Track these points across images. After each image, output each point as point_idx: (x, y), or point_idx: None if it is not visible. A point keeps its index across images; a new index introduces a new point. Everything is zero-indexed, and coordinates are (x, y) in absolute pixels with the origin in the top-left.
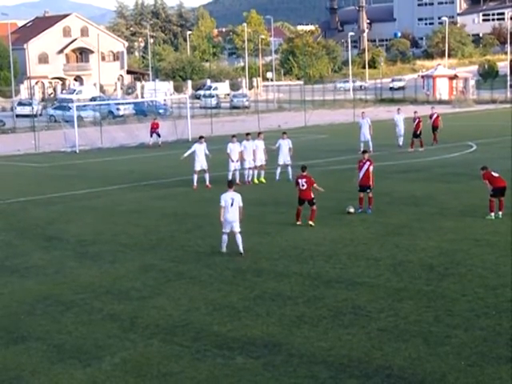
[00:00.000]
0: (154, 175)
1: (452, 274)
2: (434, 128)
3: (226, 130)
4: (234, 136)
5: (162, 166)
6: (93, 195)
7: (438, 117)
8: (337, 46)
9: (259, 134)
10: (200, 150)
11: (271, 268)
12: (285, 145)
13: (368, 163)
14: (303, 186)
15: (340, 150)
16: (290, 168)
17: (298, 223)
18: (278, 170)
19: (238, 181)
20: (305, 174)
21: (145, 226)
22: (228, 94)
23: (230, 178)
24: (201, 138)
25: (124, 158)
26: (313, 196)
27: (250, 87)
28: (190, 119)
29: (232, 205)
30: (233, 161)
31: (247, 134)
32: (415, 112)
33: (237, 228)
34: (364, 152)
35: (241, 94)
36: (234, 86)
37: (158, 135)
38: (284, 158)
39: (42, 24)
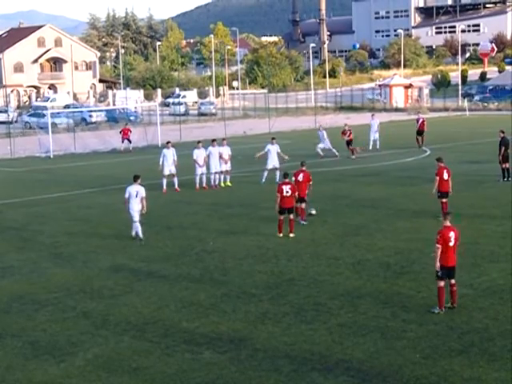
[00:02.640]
0: (125, 179)
1: (408, 272)
2: (420, 132)
3: (194, 136)
4: (199, 142)
5: (132, 170)
6: (66, 198)
7: (423, 121)
8: (299, 56)
9: (223, 139)
10: (168, 155)
11: (237, 267)
12: (273, 149)
13: (302, 173)
14: (287, 192)
15: (303, 155)
16: (278, 172)
17: (280, 235)
18: (265, 174)
19: (204, 184)
20: (288, 180)
21: (116, 228)
22: (196, 102)
23: (197, 181)
24: (168, 143)
25: (96, 162)
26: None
27: (217, 95)
28: (160, 126)
29: (136, 196)
30: (199, 166)
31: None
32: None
33: (137, 217)
34: (302, 164)
35: (208, 101)
36: (202, 94)
37: (129, 141)
38: (273, 162)
39: (17, 35)
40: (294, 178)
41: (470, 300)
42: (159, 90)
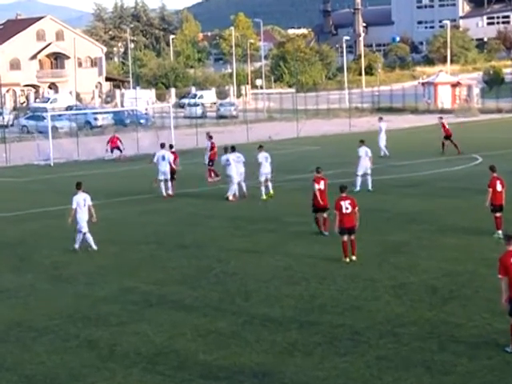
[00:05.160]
0: (134, 190)
1: (457, 298)
2: (448, 136)
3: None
4: (261, 146)
5: (142, 180)
6: (67, 212)
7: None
8: (331, 51)
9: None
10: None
11: (261, 291)
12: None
13: (323, 181)
14: (347, 209)
15: (334, 163)
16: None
17: (347, 260)
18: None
19: (231, 196)
20: (346, 194)
21: (124, 245)
22: (214, 103)
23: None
24: (162, 145)
25: (102, 171)
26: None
27: (238, 95)
28: (174, 130)
29: (84, 205)
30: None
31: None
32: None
33: (86, 228)
34: (317, 170)
35: (228, 102)
36: (221, 94)
37: (120, 150)
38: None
39: (13, 27)
40: (316, 186)
41: None
42: (173, 90)
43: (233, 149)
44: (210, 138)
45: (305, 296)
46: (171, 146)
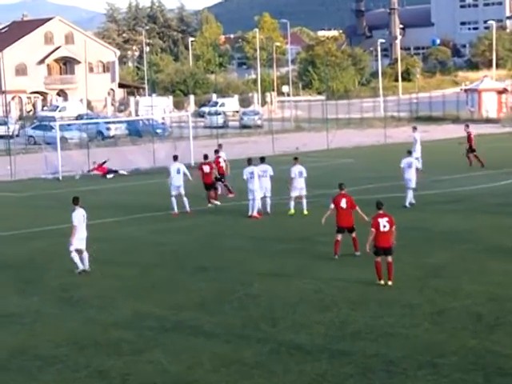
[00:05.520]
0: (150, 206)
1: (503, 325)
2: (472, 149)
3: (235, 153)
4: (296, 158)
5: (158, 195)
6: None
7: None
8: (364, 54)
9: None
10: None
11: (288, 316)
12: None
13: (345, 198)
14: (385, 227)
15: (368, 178)
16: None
17: (381, 282)
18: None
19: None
20: (384, 211)
21: (138, 266)
22: (237, 111)
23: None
24: (175, 157)
25: (115, 186)
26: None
27: (263, 103)
28: (193, 140)
29: (84, 221)
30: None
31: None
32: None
33: (83, 245)
34: (341, 186)
35: (252, 111)
36: (245, 102)
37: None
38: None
39: (19, 29)
40: (332, 205)
41: None
42: (192, 97)
43: (262, 160)
44: (216, 151)
45: (336, 322)
46: (206, 157)
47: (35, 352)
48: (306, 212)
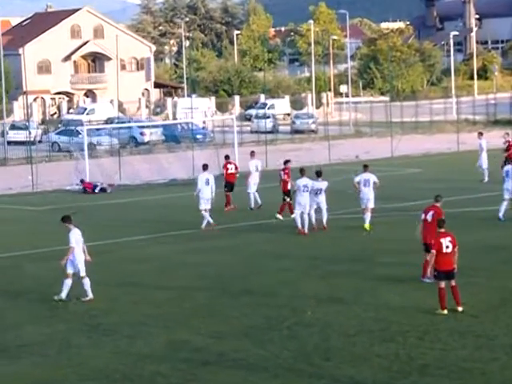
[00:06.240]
0: (188, 222)
1: None
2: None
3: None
4: (367, 166)
5: (197, 209)
6: (106, 249)
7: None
8: (435, 49)
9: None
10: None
11: (345, 348)
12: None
13: (433, 211)
14: (447, 247)
15: (439, 189)
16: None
17: (445, 312)
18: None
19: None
20: (445, 230)
21: (175, 291)
22: (288, 114)
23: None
24: (205, 167)
25: (149, 198)
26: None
27: (318, 105)
28: (238, 147)
29: (83, 242)
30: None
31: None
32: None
33: (83, 271)
34: (437, 198)
35: (305, 113)
36: (297, 104)
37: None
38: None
39: (42, 22)
40: (423, 216)
41: None
42: (237, 98)
43: (318, 174)
44: (227, 157)
45: (401, 355)
46: (227, 157)
47: None
48: (367, 226)
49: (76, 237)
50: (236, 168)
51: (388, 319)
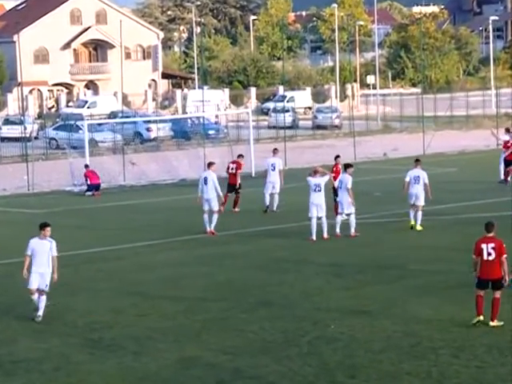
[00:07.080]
0: (199, 226)
1: None
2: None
3: (305, 160)
4: (418, 160)
5: None
6: (110, 255)
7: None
8: (472, 36)
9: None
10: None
11: (372, 365)
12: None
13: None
14: (490, 255)
15: (477, 191)
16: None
17: (480, 319)
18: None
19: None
20: (492, 235)
21: (186, 302)
22: (310, 108)
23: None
24: (210, 164)
25: (157, 200)
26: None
27: (343, 98)
28: (254, 144)
29: (50, 255)
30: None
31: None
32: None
33: (44, 285)
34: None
35: (328, 107)
36: (319, 96)
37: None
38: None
39: (39, 6)
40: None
41: None
42: (253, 90)
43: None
44: (240, 156)
45: (433, 374)
46: (239, 156)
47: None
48: (419, 227)
49: (34, 248)
50: (238, 168)
51: (419, 334)
